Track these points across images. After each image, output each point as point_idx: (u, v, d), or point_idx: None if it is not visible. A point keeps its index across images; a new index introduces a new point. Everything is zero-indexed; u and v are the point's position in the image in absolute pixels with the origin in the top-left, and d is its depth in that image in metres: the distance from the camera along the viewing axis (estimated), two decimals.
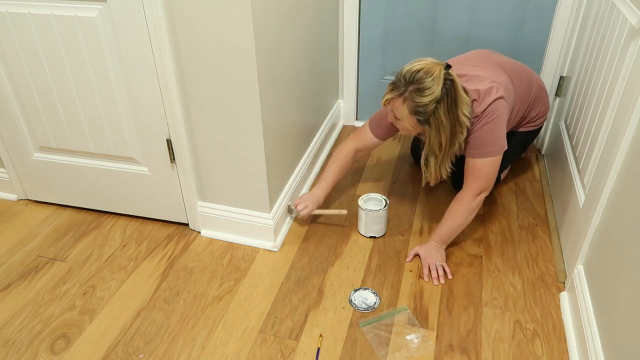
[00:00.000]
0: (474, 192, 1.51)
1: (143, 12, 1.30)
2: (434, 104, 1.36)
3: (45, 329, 1.38)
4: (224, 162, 1.54)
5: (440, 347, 1.30)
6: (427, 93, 1.35)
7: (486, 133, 1.46)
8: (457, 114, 1.40)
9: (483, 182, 1.50)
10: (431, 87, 1.35)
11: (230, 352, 1.31)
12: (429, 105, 1.36)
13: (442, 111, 1.38)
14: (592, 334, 1.17)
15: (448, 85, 1.36)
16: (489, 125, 1.46)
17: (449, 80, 1.36)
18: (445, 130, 1.42)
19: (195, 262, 1.60)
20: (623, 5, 1.37)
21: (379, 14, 2.11)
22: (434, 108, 1.37)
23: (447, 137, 1.43)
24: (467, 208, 1.52)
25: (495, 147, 1.48)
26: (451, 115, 1.39)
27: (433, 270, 1.51)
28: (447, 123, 1.40)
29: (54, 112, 1.61)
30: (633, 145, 1.14)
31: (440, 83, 1.35)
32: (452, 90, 1.37)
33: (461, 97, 1.40)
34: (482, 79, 1.50)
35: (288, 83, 1.61)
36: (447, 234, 1.56)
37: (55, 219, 1.81)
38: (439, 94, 1.35)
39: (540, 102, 1.74)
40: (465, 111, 1.41)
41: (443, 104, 1.36)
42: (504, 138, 1.49)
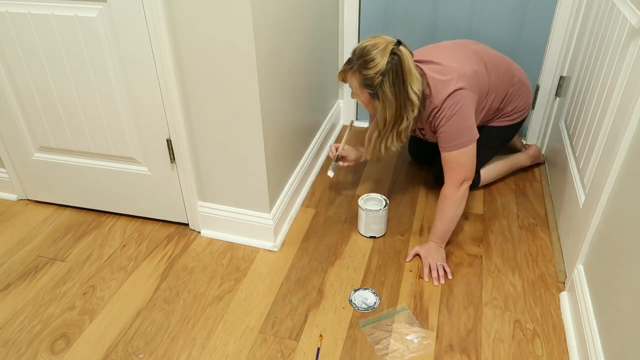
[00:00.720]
0: (455, 183, 1.52)
1: (143, 12, 1.31)
2: (379, 77, 1.39)
3: (45, 329, 1.38)
4: (224, 162, 1.54)
5: (440, 347, 1.30)
6: (371, 65, 1.39)
7: (453, 126, 1.48)
8: (405, 89, 1.42)
9: (461, 173, 1.51)
10: (375, 58, 1.39)
11: (230, 352, 1.31)
12: (374, 77, 1.40)
13: (387, 84, 1.40)
14: (592, 334, 1.17)
15: (394, 60, 1.38)
16: (454, 118, 1.47)
17: (396, 54, 1.39)
18: (391, 105, 1.44)
19: (195, 262, 1.60)
20: (623, 5, 1.37)
21: (379, 14, 2.11)
22: (380, 81, 1.40)
23: (392, 112, 1.45)
24: (452, 201, 1.52)
25: (464, 138, 1.49)
26: (397, 89, 1.41)
27: (433, 270, 1.51)
28: (392, 97, 1.42)
29: (54, 112, 1.61)
30: (633, 145, 1.14)
31: (385, 56, 1.38)
32: (399, 64, 1.39)
33: (410, 73, 1.41)
34: (445, 67, 1.50)
35: (288, 83, 1.61)
36: (442, 231, 1.56)
37: (55, 219, 1.81)
38: (383, 66, 1.38)
39: (519, 97, 1.71)
40: (415, 88, 1.43)
41: (388, 77, 1.39)
42: (472, 128, 1.50)
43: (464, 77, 1.49)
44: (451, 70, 1.50)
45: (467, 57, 1.57)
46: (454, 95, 1.46)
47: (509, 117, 1.74)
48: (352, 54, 1.46)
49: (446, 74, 1.49)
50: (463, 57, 1.56)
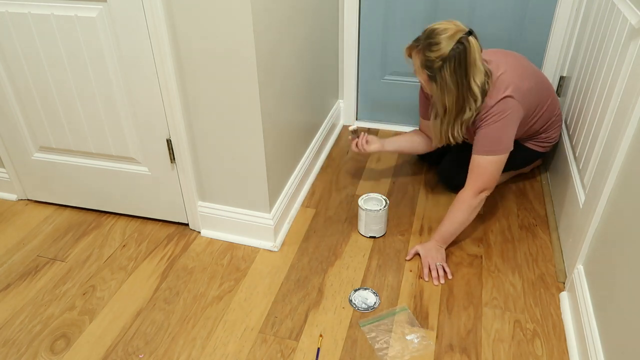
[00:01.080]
0: (476, 190, 1.51)
1: (143, 12, 1.31)
2: (440, 61, 1.39)
3: (45, 329, 1.38)
4: (224, 162, 1.54)
5: (440, 347, 1.30)
6: (435, 49, 1.39)
7: (494, 131, 1.47)
8: (466, 80, 1.41)
9: (485, 181, 1.50)
10: (440, 43, 1.38)
11: (230, 352, 1.31)
12: (435, 61, 1.40)
13: (447, 71, 1.40)
14: (592, 334, 1.17)
15: (459, 48, 1.38)
16: (498, 124, 1.47)
17: (462, 43, 1.38)
18: (450, 93, 1.44)
19: (195, 262, 1.60)
20: (623, 5, 1.37)
21: (379, 14, 2.11)
22: (440, 66, 1.40)
23: (452, 100, 1.45)
24: (467, 206, 1.52)
25: (501, 145, 1.48)
26: (457, 78, 1.41)
27: (433, 270, 1.51)
28: (452, 85, 1.42)
29: (54, 112, 1.61)
30: (633, 145, 1.14)
31: (451, 43, 1.38)
32: (464, 53, 1.38)
33: (474, 65, 1.41)
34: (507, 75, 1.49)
35: (288, 83, 1.61)
36: (449, 233, 1.56)
37: (55, 219, 1.81)
38: (446, 52, 1.38)
39: (556, 127, 1.73)
40: (477, 80, 1.42)
41: (449, 63, 1.39)
42: (511, 139, 1.50)
43: (520, 90, 1.49)
44: (510, 80, 1.49)
45: (528, 73, 1.57)
46: (506, 100, 1.46)
47: (541, 143, 1.75)
48: (423, 33, 1.45)
49: (506, 80, 1.48)
50: (524, 72, 1.56)
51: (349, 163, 2.10)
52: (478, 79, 1.43)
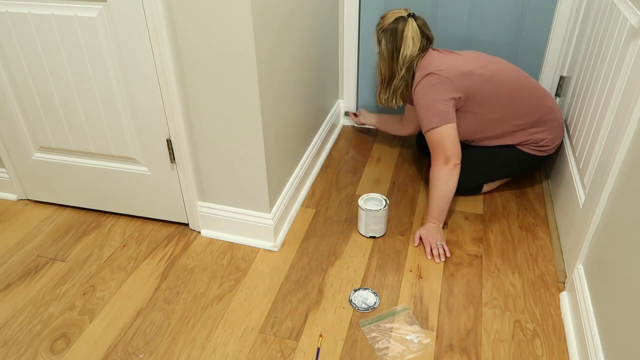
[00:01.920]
0: (438, 162, 1.62)
1: (143, 12, 1.31)
2: (381, 33, 1.68)
3: (45, 329, 1.38)
4: (224, 162, 1.54)
5: (440, 347, 1.30)
6: (380, 22, 1.69)
7: (423, 107, 1.62)
8: (397, 52, 1.66)
9: (440, 152, 1.61)
10: (383, 19, 1.68)
11: (230, 352, 1.31)
12: (378, 33, 1.69)
13: (384, 41, 1.68)
14: (592, 334, 1.17)
15: (396, 25, 1.64)
16: (423, 100, 1.62)
17: (400, 22, 1.64)
18: (384, 60, 1.70)
19: (195, 262, 1.60)
20: (623, 5, 1.37)
21: (379, 14, 2.11)
22: (381, 38, 1.68)
23: (385, 67, 1.70)
24: (437, 179, 1.62)
25: (435, 118, 1.60)
26: (390, 47, 1.66)
27: (434, 249, 1.60)
28: (386, 55, 1.69)
29: (54, 112, 1.61)
30: (633, 145, 1.14)
31: (391, 20, 1.65)
32: (399, 30, 1.64)
33: (405, 40, 1.65)
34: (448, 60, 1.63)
35: (288, 83, 1.61)
36: (437, 210, 1.64)
37: (55, 219, 1.81)
38: (385, 26, 1.66)
39: (549, 129, 1.72)
40: (406, 52, 1.65)
41: (385, 34, 1.66)
42: (444, 112, 1.60)
43: (452, 70, 1.60)
44: (445, 63, 1.63)
45: (480, 63, 1.64)
46: (429, 76, 1.61)
47: (536, 147, 1.75)
48: None
49: (438, 62, 1.63)
50: (476, 61, 1.64)
51: (349, 163, 2.10)
52: (407, 52, 1.65)
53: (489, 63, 1.66)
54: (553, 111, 1.72)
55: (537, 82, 1.75)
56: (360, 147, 2.22)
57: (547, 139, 1.73)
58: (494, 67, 1.65)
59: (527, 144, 1.74)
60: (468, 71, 1.61)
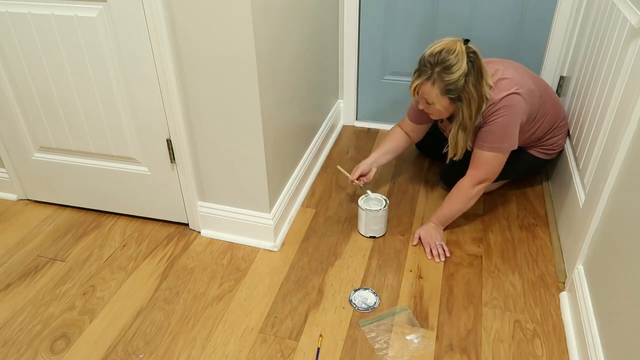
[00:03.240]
0: (475, 180, 1.57)
1: (143, 12, 1.31)
2: (463, 79, 1.40)
3: (45, 329, 1.38)
4: (224, 162, 1.54)
5: (440, 347, 1.30)
6: (455, 69, 1.39)
7: (499, 127, 1.49)
8: (482, 85, 1.45)
9: (485, 174, 1.56)
10: (457, 63, 1.39)
11: (230, 352, 1.31)
12: (459, 80, 1.40)
13: (471, 84, 1.42)
14: (592, 334, 1.17)
15: (472, 58, 1.41)
16: (503, 119, 1.48)
17: (472, 52, 1.41)
18: (475, 102, 1.46)
19: (195, 262, 1.60)
20: (623, 5, 1.37)
21: (379, 14, 2.11)
22: (464, 82, 1.41)
23: (476, 107, 1.47)
24: (465, 195, 1.59)
25: (505, 142, 1.51)
26: (479, 87, 1.44)
27: (434, 249, 1.60)
28: (476, 94, 1.44)
29: (54, 112, 1.61)
30: (633, 145, 1.14)
31: (464, 57, 1.39)
32: (477, 61, 1.42)
33: (485, 68, 1.45)
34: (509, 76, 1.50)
35: (288, 83, 1.61)
36: (445, 217, 1.65)
37: (55, 219, 1.81)
38: (466, 68, 1.39)
39: (560, 134, 1.72)
40: (489, 81, 1.47)
41: (471, 76, 1.42)
42: (515, 137, 1.51)
43: (524, 88, 1.50)
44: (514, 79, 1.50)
45: (529, 77, 1.57)
46: (512, 96, 1.47)
47: (546, 150, 1.74)
48: (423, 64, 1.43)
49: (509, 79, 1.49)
50: (526, 74, 1.57)
51: (349, 163, 2.10)
52: (489, 79, 1.47)
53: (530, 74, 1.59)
54: (565, 118, 1.73)
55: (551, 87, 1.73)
56: (360, 147, 2.22)
57: (557, 143, 1.73)
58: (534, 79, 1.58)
59: (538, 147, 1.73)
60: (531, 90, 1.52)
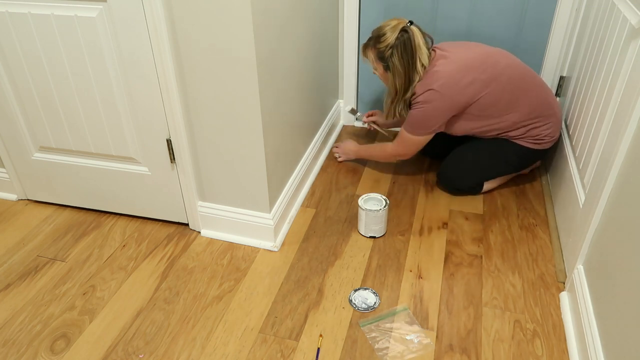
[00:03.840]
0: (394, 151, 1.84)
1: (143, 12, 1.31)
2: (389, 50, 1.63)
3: (45, 329, 1.38)
4: (224, 162, 1.54)
5: (440, 347, 1.30)
6: (382, 39, 1.64)
7: (416, 116, 1.69)
8: (412, 62, 1.64)
9: (404, 148, 1.81)
10: (385, 34, 1.63)
11: (230, 352, 1.31)
12: (385, 50, 1.64)
13: (396, 57, 1.63)
14: (592, 334, 1.17)
15: (404, 37, 1.62)
16: (419, 110, 1.67)
17: (406, 33, 1.62)
18: (399, 75, 1.66)
19: (195, 262, 1.60)
20: (623, 5, 1.37)
21: (379, 14, 2.11)
22: (390, 54, 1.64)
23: (401, 82, 1.67)
24: (382, 152, 1.90)
25: (421, 130, 1.72)
26: (405, 62, 1.64)
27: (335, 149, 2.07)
28: (401, 69, 1.65)
29: (54, 112, 1.61)
30: (633, 145, 1.14)
31: (395, 33, 1.62)
32: (408, 41, 1.62)
33: (420, 49, 1.64)
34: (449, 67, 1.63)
35: (288, 83, 1.61)
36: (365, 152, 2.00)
37: (55, 219, 1.81)
38: (392, 41, 1.62)
39: (547, 124, 1.71)
40: (423, 60, 1.64)
41: (397, 50, 1.63)
42: (431, 126, 1.70)
43: (451, 84, 1.61)
44: (445, 74, 1.62)
45: (478, 66, 1.63)
46: (429, 92, 1.63)
47: (534, 140, 1.74)
48: (371, 33, 1.70)
49: (439, 74, 1.63)
50: (473, 65, 1.63)
51: (349, 163, 2.10)
52: (423, 60, 1.64)
53: (494, 63, 1.64)
54: (552, 107, 1.72)
55: (538, 76, 1.73)
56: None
57: (544, 134, 1.73)
58: (498, 67, 1.63)
59: (524, 137, 1.74)
60: (469, 82, 1.61)
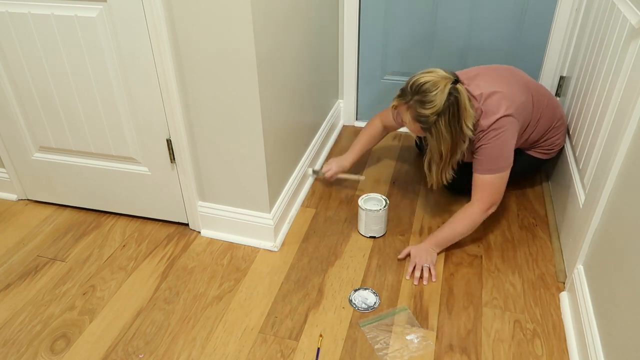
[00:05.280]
0: (484, 205, 1.52)
1: (143, 12, 1.31)
2: (435, 116, 1.41)
3: (45, 329, 1.38)
4: (224, 162, 1.54)
5: (440, 347, 1.30)
6: (429, 106, 1.40)
7: (494, 150, 1.49)
8: (459, 127, 1.44)
9: (491, 197, 1.52)
10: (434, 100, 1.40)
11: (230, 352, 1.31)
12: (430, 117, 1.42)
13: (442, 123, 1.42)
14: (592, 334, 1.17)
15: (451, 100, 1.40)
16: (496, 142, 1.48)
17: (454, 95, 1.40)
18: (446, 141, 1.46)
19: (195, 262, 1.60)
20: (623, 5, 1.37)
21: (379, 14, 2.11)
22: (435, 120, 1.42)
23: (447, 147, 1.47)
24: (472, 221, 1.53)
25: (502, 163, 1.50)
26: (452, 128, 1.43)
27: (417, 270, 1.51)
28: (447, 135, 1.44)
29: (54, 112, 1.61)
30: (633, 145, 1.14)
31: (444, 98, 1.39)
32: (456, 104, 1.41)
33: (466, 111, 1.43)
34: (499, 93, 1.51)
35: (288, 83, 1.61)
36: (445, 240, 1.56)
37: (55, 219, 1.81)
38: (440, 107, 1.40)
39: (558, 134, 1.71)
40: (469, 123, 1.45)
41: (444, 117, 1.41)
42: (511, 155, 1.52)
43: (514, 105, 1.50)
44: (503, 97, 1.50)
45: (519, 87, 1.57)
46: (501, 120, 1.47)
47: (545, 150, 1.74)
48: (407, 87, 1.45)
49: (498, 99, 1.50)
50: (516, 86, 1.56)
51: None
52: (469, 122, 1.45)
53: (521, 83, 1.59)
54: (562, 117, 1.72)
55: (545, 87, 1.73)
56: None
57: (556, 143, 1.73)
58: (525, 88, 1.58)
59: (536, 148, 1.73)
60: (522, 103, 1.53)
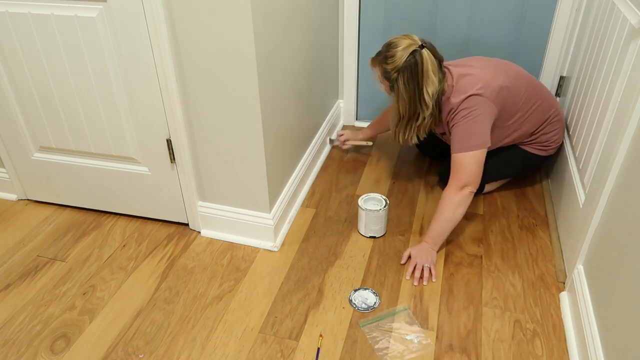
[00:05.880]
0: (456, 186, 1.52)
1: (143, 12, 1.31)
2: (395, 73, 1.51)
3: (45, 329, 1.38)
4: (224, 162, 1.54)
5: (440, 347, 1.30)
6: (390, 61, 1.52)
7: (464, 127, 1.53)
8: (418, 90, 1.52)
9: (464, 176, 1.52)
10: (394, 56, 1.51)
11: (230, 352, 1.31)
12: (391, 73, 1.52)
13: (402, 81, 1.51)
14: (592, 334, 1.17)
15: (411, 61, 1.49)
16: (466, 120, 1.53)
17: (415, 57, 1.49)
18: (403, 101, 1.55)
19: (195, 262, 1.60)
20: (623, 5, 1.37)
21: (379, 14, 2.11)
22: (396, 77, 1.52)
23: (405, 107, 1.56)
24: (449, 202, 1.52)
25: (473, 141, 1.51)
26: (410, 88, 1.51)
27: (418, 270, 1.51)
28: (405, 94, 1.53)
29: (54, 112, 1.61)
30: (633, 145, 1.14)
31: (404, 55, 1.49)
32: (415, 66, 1.49)
33: (428, 77, 1.50)
34: (475, 75, 1.55)
35: (288, 83, 1.61)
36: (437, 232, 1.55)
37: (55, 219, 1.81)
38: (400, 64, 1.50)
39: (555, 129, 1.72)
40: (429, 90, 1.51)
41: (403, 75, 1.50)
42: (484, 134, 1.52)
43: (489, 87, 1.53)
44: (478, 79, 1.54)
45: (505, 75, 1.58)
46: (470, 99, 1.52)
47: (541, 146, 1.74)
48: (382, 47, 1.58)
49: (472, 80, 1.54)
50: (498, 72, 1.58)
51: (349, 163, 2.10)
52: (430, 89, 1.51)
53: (507, 71, 1.60)
54: (559, 113, 1.72)
55: (542, 83, 1.73)
56: (360, 147, 2.22)
57: (552, 140, 1.73)
58: (511, 76, 1.60)
59: (532, 143, 1.74)
60: (499, 86, 1.54)
